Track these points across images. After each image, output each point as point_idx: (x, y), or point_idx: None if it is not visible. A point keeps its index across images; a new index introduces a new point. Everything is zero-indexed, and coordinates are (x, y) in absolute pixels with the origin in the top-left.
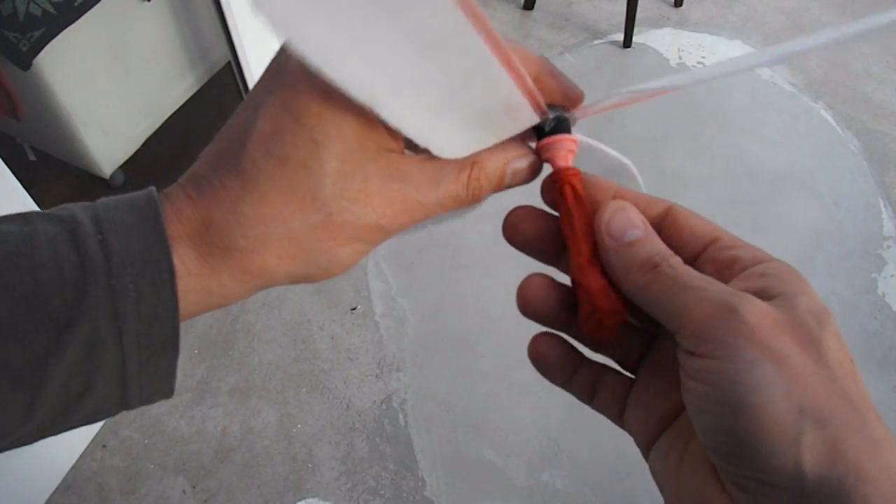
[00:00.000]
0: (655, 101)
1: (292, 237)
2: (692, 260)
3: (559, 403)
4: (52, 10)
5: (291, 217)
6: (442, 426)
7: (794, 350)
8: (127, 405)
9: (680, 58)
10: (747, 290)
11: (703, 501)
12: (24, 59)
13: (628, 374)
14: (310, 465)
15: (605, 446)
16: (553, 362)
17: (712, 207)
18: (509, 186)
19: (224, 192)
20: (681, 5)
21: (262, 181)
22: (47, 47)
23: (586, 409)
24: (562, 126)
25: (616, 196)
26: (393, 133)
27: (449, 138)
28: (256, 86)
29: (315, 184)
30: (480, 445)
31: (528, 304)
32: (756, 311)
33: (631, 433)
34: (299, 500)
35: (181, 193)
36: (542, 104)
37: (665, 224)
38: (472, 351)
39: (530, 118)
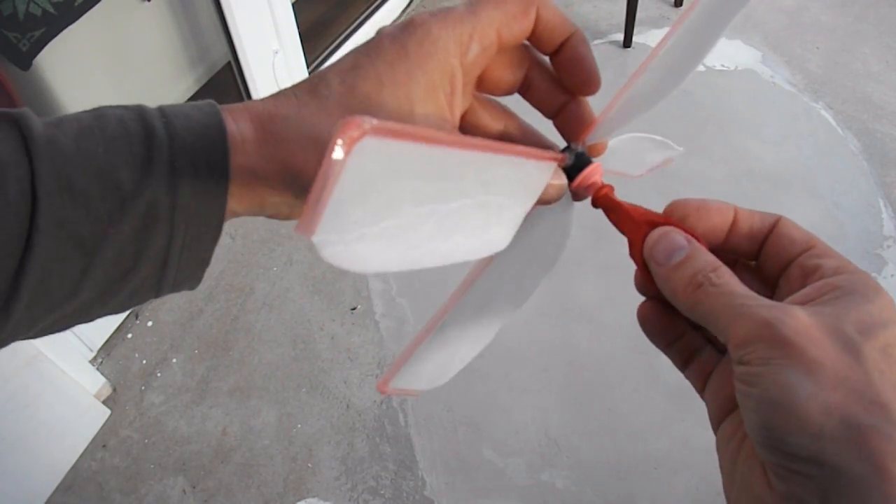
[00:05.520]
0: None
1: None
2: (785, 265)
3: (559, 403)
4: (52, 10)
5: None
6: (442, 426)
7: (827, 358)
8: (159, 289)
9: None
10: (817, 297)
11: (748, 486)
12: (24, 59)
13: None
14: (310, 465)
15: (605, 446)
16: (656, 325)
17: None
18: (543, 203)
19: (296, 100)
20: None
21: (329, 99)
22: (47, 47)
23: (586, 409)
24: (582, 160)
25: (720, 211)
26: (453, 110)
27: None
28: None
29: (371, 113)
30: (480, 445)
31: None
32: (794, 323)
33: (706, 405)
34: (299, 500)
35: (259, 101)
36: (555, 154)
37: (771, 234)
38: None
39: (550, 175)
